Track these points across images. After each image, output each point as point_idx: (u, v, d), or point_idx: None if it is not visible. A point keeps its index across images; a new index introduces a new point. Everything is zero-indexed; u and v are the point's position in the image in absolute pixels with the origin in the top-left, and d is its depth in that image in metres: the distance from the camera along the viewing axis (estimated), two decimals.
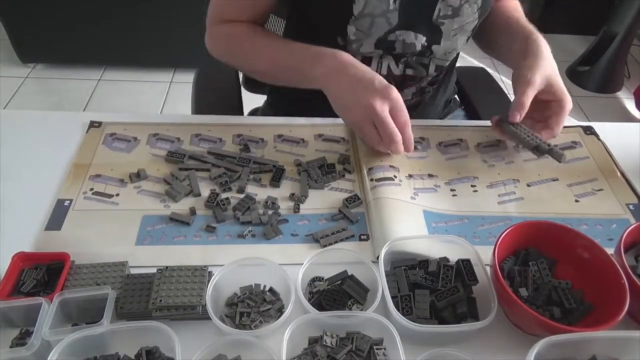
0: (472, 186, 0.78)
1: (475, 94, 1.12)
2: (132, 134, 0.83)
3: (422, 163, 0.81)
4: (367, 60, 0.87)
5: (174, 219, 0.69)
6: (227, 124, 0.86)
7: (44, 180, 0.75)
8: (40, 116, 0.87)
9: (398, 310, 0.56)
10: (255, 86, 1.19)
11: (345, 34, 0.82)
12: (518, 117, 0.75)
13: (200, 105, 1.05)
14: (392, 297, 0.57)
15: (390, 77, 0.89)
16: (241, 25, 0.86)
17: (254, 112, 1.18)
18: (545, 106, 0.79)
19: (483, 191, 0.77)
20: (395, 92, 0.71)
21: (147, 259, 0.64)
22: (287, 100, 1.03)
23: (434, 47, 0.86)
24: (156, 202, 0.72)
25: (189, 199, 0.73)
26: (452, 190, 0.77)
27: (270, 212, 0.71)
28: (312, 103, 0.79)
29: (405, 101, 0.73)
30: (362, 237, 0.69)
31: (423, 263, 0.62)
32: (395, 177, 0.75)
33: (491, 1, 0.85)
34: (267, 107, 1.13)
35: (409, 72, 0.90)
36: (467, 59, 2.54)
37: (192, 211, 0.71)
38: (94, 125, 0.84)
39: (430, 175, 0.79)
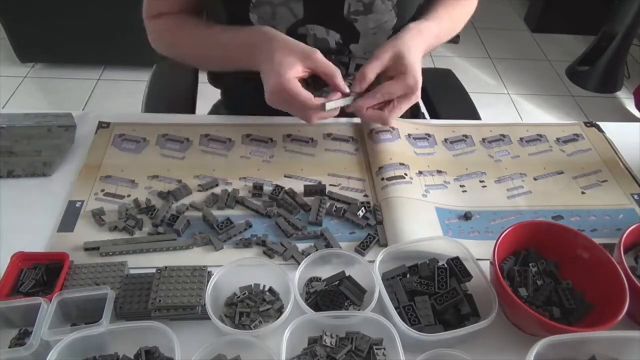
0: (481, 181, 0.79)
1: (438, 96, 1.08)
2: (141, 135, 0.83)
3: (430, 160, 0.81)
4: None
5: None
6: (236, 124, 0.86)
7: (54, 181, 0.74)
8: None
9: (404, 322, 0.55)
10: (218, 81, 1.14)
11: (250, 22, 0.79)
12: (358, 87, 0.71)
13: (150, 103, 1.03)
14: (395, 308, 0.56)
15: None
16: (174, 18, 0.83)
17: (215, 111, 1.13)
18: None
19: (492, 186, 0.78)
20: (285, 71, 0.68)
21: (146, 259, 0.64)
22: (239, 99, 0.99)
23: (353, 47, 0.83)
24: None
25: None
26: (461, 186, 0.77)
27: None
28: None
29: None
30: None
31: (413, 268, 0.62)
32: (406, 175, 0.75)
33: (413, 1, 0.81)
34: (220, 105, 1.10)
35: None
36: (443, 60, 2.53)
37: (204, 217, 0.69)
38: (102, 125, 0.84)
39: (439, 172, 0.79)
